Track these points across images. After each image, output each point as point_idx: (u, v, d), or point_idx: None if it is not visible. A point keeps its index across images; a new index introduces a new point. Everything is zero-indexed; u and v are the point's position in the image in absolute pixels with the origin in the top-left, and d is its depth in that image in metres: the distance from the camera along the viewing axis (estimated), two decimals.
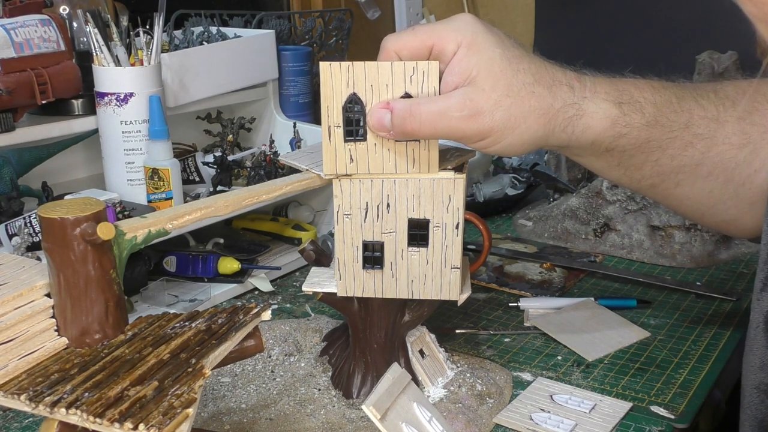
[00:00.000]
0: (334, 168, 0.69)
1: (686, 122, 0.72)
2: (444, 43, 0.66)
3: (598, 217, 1.20)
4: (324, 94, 0.67)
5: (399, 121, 0.65)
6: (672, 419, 0.77)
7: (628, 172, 0.75)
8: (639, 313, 0.99)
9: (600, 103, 0.69)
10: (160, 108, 0.98)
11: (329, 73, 0.67)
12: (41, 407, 0.50)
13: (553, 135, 0.69)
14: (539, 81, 0.67)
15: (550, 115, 0.67)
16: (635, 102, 0.70)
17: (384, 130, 0.66)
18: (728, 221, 0.79)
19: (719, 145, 0.73)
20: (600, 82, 0.70)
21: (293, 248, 1.14)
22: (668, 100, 0.72)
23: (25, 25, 0.95)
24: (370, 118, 0.67)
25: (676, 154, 0.73)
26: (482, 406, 0.77)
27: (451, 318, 0.98)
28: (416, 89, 0.67)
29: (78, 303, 0.56)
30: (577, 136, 0.69)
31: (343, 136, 0.68)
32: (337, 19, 1.48)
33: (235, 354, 0.59)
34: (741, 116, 0.73)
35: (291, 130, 1.22)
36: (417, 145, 0.68)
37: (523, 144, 0.68)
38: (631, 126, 0.70)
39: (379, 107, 0.66)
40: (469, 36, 0.66)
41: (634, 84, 0.72)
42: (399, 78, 0.67)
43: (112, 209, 0.91)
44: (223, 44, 1.17)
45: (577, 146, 0.71)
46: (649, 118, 0.71)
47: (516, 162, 1.46)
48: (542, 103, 0.67)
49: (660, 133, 0.71)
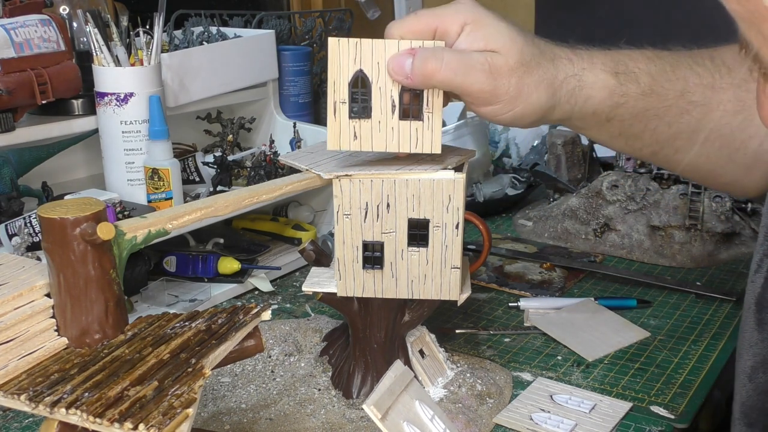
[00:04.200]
0: (338, 144, 0.69)
1: (681, 90, 0.74)
2: (447, 24, 0.68)
3: (598, 217, 1.20)
4: (331, 69, 0.67)
5: (421, 61, 0.65)
6: (672, 419, 0.77)
7: (629, 141, 0.77)
8: (639, 313, 0.99)
9: (598, 74, 0.71)
10: (160, 108, 0.98)
11: (337, 49, 0.67)
12: (41, 407, 0.50)
13: (559, 106, 0.71)
14: (543, 54, 0.69)
15: (555, 86, 0.69)
16: (630, 72, 0.72)
17: (403, 75, 0.66)
18: (728, 183, 0.82)
19: (714, 112, 0.75)
20: (596, 54, 0.72)
21: (293, 248, 1.14)
22: (663, 69, 0.74)
23: (25, 25, 0.95)
24: (391, 62, 0.67)
25: (672, 121, 0.75)
26: (482, 406, 0.77)
27: (451, 318, 0.98)
28: None
29: (78, 303, 0.56)
30: (579, 107, 0.71)
31: (348, 112, 0.68)
32: (337, 19, 1.48)
33: (235, 354, 0.59)
34: (737, 83, 0.74)
35: (291, 130, 1.22)
36: (420, 125, 0.68)
37: (533, 113, 0.70)
38: (628, 95, 0.72)
39: (403, 53, 0.66)
40: (472, 15, 0.68)
41: (628, 55, 0.74)
42: None
43: (112, 209, 0.91)
44: (223, 44, 1.17)
45: (580, 117, 0.73)
46: (644, 87, 0.72)
47: (516, 162, 1.46)
48: (548, 74, 0.69)
49: (656, 101, 0.73)
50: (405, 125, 0.68)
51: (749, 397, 0.68)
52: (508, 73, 0.67)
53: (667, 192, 1.16)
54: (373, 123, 0.68)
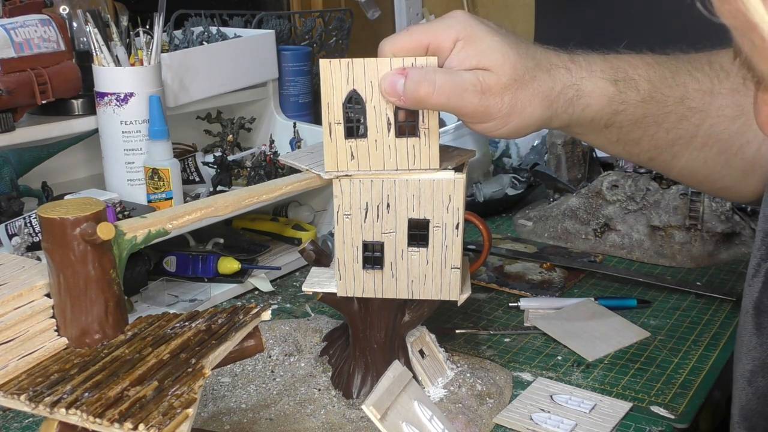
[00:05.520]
0: (335, 165, 0.69)
1: (681, 96, 0.74)
2: (440, 40, 0.67)
3: (598, 217, 1.20)
4: (324, 91, 0.67)
5: (413, 85, 0.65)
6: (672, 419, 0.77)
7: (627, 147, 0.77)
8: (639, 313, 0.99)
9: (597, 82, 0.71)
10: (160, 108, 0.98)
11: (329, 70, 0.67)
12: (41, 407, 0.50)
13: (556, 116, 0.70)
14: (539, 65, 0.69)
15: (551, 98, 0.69)
16: (630, 79, 0.72)
17: (395, 96, 0.66)
18: (725, 188, 0.81)
19: (713, 117, 0.75)
20: (594, 61, 0.72)
21: (293, 248, 1.14)
22: (662, 76, 0.73)
23: (25, 25, 0.95)
24: (383, 82, 0.66)
25: (671, 127, 0.75)
26: (482, 406, 0.77)
27: (451, 318, 0.98)
28: None
29: (78, 303, 0.56)
30: (577, 115, 0.71)
31: (344, 133, 0.68)
32: (337, 19, 1.47)
33: (235, 354, 0.59)
34: (735, 88, 0.74)
35: (291, 130, 1.22)
36: (417, 141, 0.68)
37: (529, 126, 0.70)
38: (627, 103, 0.72)
39: (394, 73, 0.66)
40: (465, 30, 0.67)
41: (628, 61, 0.73)
42: None
43: (112, 209, 0.91)
44: (223, 44, 1.17)
45: (578, 125, 0.73)
46: (644, 94, 0.72)
47: (516, 162, 1.46)
48: (544, 87, 0.68)
49: (655, 108, 0.73)
50: (402, 142, 0.68)
51: (749, 401, 0.68)
52: (501, 91, 0.66)
53: (667, 192, 1.16)
54: (370, 142, 0.68)
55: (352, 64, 0.66)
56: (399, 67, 0.66)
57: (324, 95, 0.67)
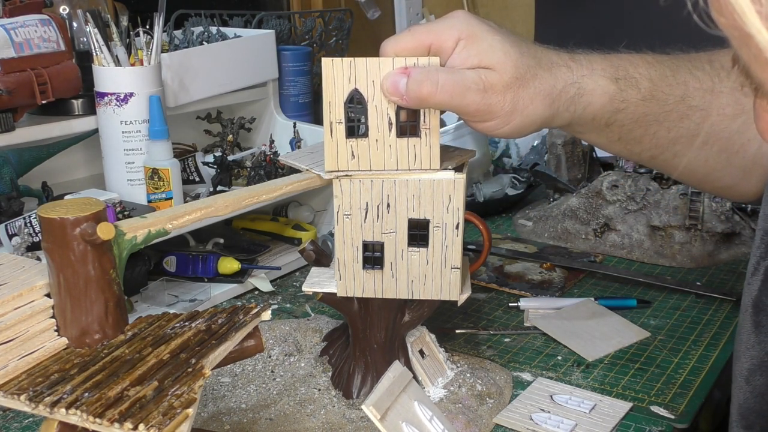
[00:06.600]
0: (335, 164, 0.69)
1: (682, 95, 0.74)
2: (442, 40, 0.67)
3: (598, 217, 1.20)
4: (326, 90, 0.67)
5: (415, 85, 0.65)
6: (672, 419, 0.77)
7: (628, 146, 0.77)
8: (639, 313, 0.99)
9: (598, 80, 0.71)
10: (160, 108, 0.98)
11: (331, 69, 0.67)
12: (41, 407, 0.50)
13: (558, 115, 0.70)
14: (540, 64, 0.69)
15: (553, 97, 0.69)
16: (631, 78, 0.72)
17: (397, 95, 0.66)
18: (725, 187, 0.81)
19: (713, 116, 0.75)
20: (595, 59, 0.72)
21: (293, 248, 1.14)
22: (663, 74, 0.73)
23: (25, 25, 0.95)
24: (385, 81, 0.66)
25: (672, 126, 0.75)
26: (482, 406, 0.77)
27: (451, 318, 0.98)
28: None
29: (78, 303, 0.56)
30: (579, 114, 0.71)
31: (345, 132, 0.68)
32: (337, 19, 1.47)
33: (235, 354, 0.59)
34: (735, 86, 0.74)
35: (291, 130, 1.22)
36: (418, 141, 0.68)
37: (531, 125, 0.70)
38: (628, 101, 0.72)
39: (397, 72, 0.66)
40: (466, 29, 0.67)
41: (629, 60, 0.73)
42: None
43: (112, 209, 0.91)
44: (223, 44, 1.17)
45: (579, 123, 0.73)
46: (645, 93, 0.72)
47: (516, 162, 1.46)
48: (545, 85, 0.68)
49: (656, 107, 0.73)
50: (402, 143, 0.68)
51: (746, 399, 0.68)
52: (503, 89, 0.67)
53: (667, 192, 1.16)
54: (371, 141, 0.68)
55: (355, 63, 0.66)
56: (401, 67, 0.66)
57: (325, 94, 0.67)
